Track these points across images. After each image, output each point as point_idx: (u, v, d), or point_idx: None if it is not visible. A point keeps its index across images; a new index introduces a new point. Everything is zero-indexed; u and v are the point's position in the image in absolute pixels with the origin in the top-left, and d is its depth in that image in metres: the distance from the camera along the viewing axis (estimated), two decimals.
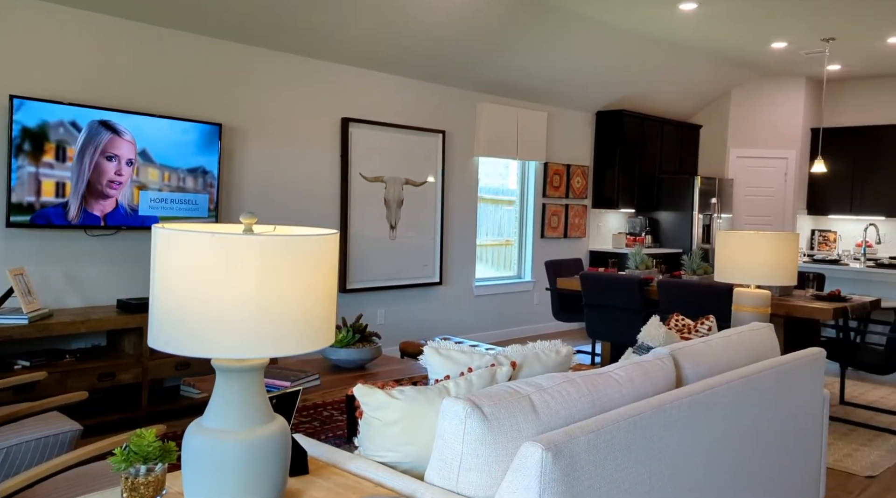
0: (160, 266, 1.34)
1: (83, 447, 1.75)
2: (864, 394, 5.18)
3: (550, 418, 1.76)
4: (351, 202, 5.76)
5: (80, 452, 1.76)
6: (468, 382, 1.95)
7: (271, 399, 1.70)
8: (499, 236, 7.30)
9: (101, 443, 1.65)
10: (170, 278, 1.32)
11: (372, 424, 1.87)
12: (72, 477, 2.08)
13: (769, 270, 3.42)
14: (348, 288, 5.73)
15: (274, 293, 1.32)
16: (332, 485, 1.69)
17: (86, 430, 3.65)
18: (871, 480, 3.51)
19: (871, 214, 8.19)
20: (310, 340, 1.38)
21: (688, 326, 3.05)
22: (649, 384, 2.08)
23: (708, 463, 2.09)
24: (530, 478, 1.56)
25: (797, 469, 2.62)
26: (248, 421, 1.42)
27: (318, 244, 1.39)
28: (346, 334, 3.56)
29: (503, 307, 7.18)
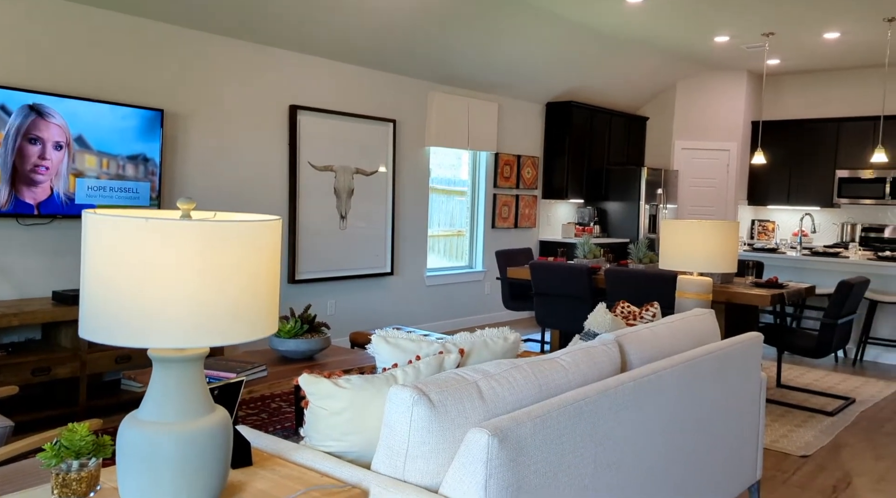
0: (91, 253, 1.28)
1: (12, 444, 1.67)
2: (799, 377, 5.38)
3: (497, 404, 1.77)
4: (300, 191, 5.67)
5: (8, 449, 1.68)
6: (416, 370, 1.94)
7: (213, 390, 1.66)
8: (450, 227, 7.30)
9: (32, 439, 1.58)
10: (101, 265, 1.26)
11: (318, 413, 1.84)
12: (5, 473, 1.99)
13: (711, 258, 3.51)
14: (297, 279, 5.65)
15: (212, 281, 1.28)
16: (277, 476, 1.66)
17: (20, 426, 3.50)
18: (805, 460, 3.65)
19: (806, 205, 8.50)
20: (251, 329, 1.35)
21: (633, 312, 3.11)
22: (595, 369, 2.11)
23: (651, 445, 2.14)
24: (477, 464, 1.57)
25: (736, 449, 2.71)
26: (186, 413, 1.38)
27: (258, 230, 1.36)
28: (294, 325, 3.50)
29: (455, 297, 7.20)
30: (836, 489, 3.29)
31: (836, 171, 8.23)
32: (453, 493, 1.59)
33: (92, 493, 1.47)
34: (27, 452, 2.21)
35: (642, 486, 2.10)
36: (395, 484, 1.64)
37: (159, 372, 1.38)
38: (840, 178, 8.18)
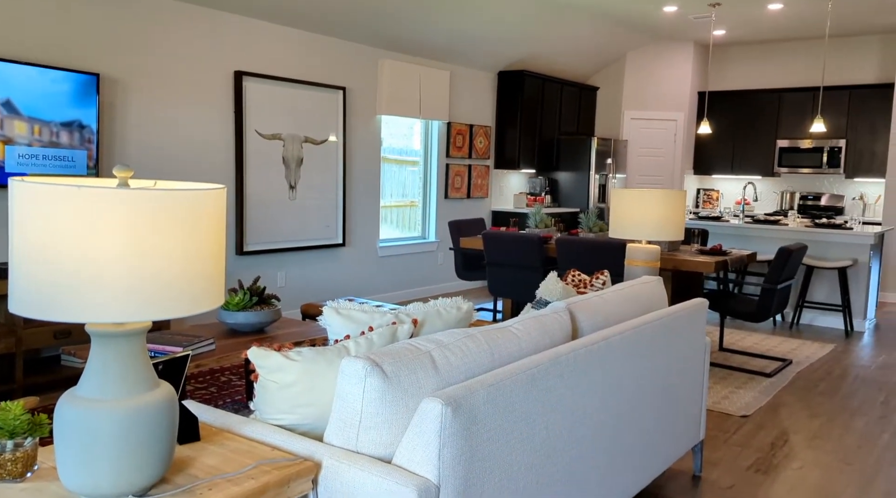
0: (20, 223, 1.21)
1: None
2: (741, 340, 5.58)
3: (451, 374, 1.76)
4: (247, 161, 5.52)
5: None
6: (369, 341, 1.91)
7: (157, 365, 1.61)
8: (403, 197, 7.24)
9: None
10: (31, 237, 1.19)
11: (268, 387, 1.81)
12: None
13: (659, 226, 3.57)
14: (246, 250, 5.53)
15: (152, 253, 1.23)
16: (226, 451, 1.62)
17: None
18: (745, 420, 3.79)
19: (749, 174, 8.73)
20: (195, 303, 1.30)
21: (584, 281, 3.14)
22: (546, 337, 2.12)
23: (602, 410, 2.18)
24: (430, 433, 1.56)
25: (682, 412, 2.79)
26: (128, 389, 1.32)
27: (201, 200, 1.30)
28: (242, 297, 3.43)
29: (407, 268, 7.18)
30: (773, 446, 3.43)
31: (777, 140, 8.46)
32: (407, 463, 1.59)
33: (29, 473, 1.41)
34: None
35: (594, 450, 2.14)
36: (348, 455, 1.62)
37: (98, 347, 1.32)
38: (780, 147, 8.41)
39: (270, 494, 1.50)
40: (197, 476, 1.49)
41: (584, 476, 2.10)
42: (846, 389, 4.42)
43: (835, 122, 8.10)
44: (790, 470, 3.17)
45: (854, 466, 3.23)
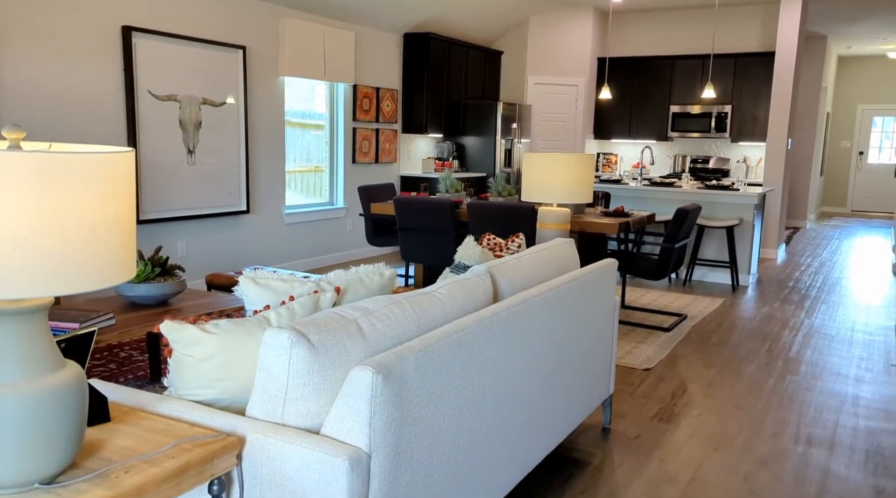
0: None
1: None
2: (640, 297, 5.86)
3: (379, 341, 1.74)
4: (140, 123, 5.16)
5: None
6: (290, 310, 1.85)
7: (59, 343, 1.48)
8: (308, 162, 7.03)
9: None
10: None
11: (183, 361, 1.71)
12: None
13: (569, 189, 3.65)
14: (143, 218, 5.21)
15: (51, 221, 1.11)
16: (140, 431, 1.53)
17: None
18: (648, 372, 4.00)
19: (645, 138, 9.09)
20: (102, 275, 1.20)
21: (499, 244, 3.17)
22: (470, 301, 2.13)
23: (523, 369, 2.22)
24: (361, 402, 1.54)
25: (595, 368, 2.90)
26: (30, 371, 1.21)
27: (104, 163, 1.19)
28: (143, 268, 3.23)
29: (316, 235, 7.02)
30: (674, 396, 3.64)
31: (671, 106, 8.83)
32: (336, 432, 1.55)
33: None
34: None
35: (517, 408, 2.18)
36: (274, 428, 1.57)
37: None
38: (673, 112, 8.79)
39: (193, 473, 1.43)
40: (111, 459, 1.39)
41: (508, 434, 2.15)
42: (735, 339, 4.74)
43: (723, 88, 8.54)
44: (690, 417, 3.38)
45: (745, 410, 3.49)
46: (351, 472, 1.48)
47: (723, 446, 3.06)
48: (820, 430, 3.26)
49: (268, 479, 1.54)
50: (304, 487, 1.51)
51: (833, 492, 2.68)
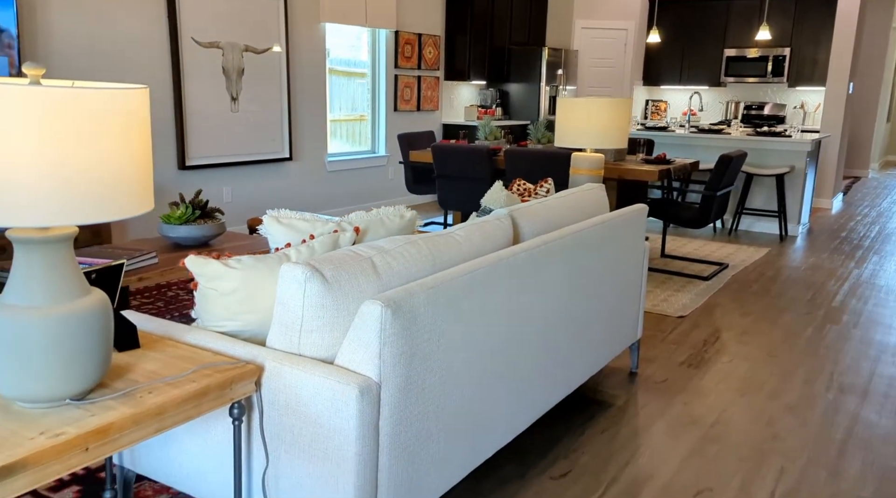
0: None
1: None
2: (682, 247, 5.78)
3: (392, 278, 1.79)
4: (184, 71, 5.26)
5: None
6: (310, 248, 1.91)
7: (89, 274, 1.58)
8: (353, 111, 7.06)
9: None
10: None
11: (208, 295, 1.81)
12: None
13: (604, 134, 3.59)
14: (188, 165, 5.37)
15: (71, 154, 1.18)
16: (167, 357, 1.63)
17: None
18: (681, 320, 3.98)
19: (696, 84, 8.78)
20: (120, 206, 1.27)
21: (528, 189, 3.17)
22: (488, 243, 2.16)
23: (543, 311, 2.25)
24: (371, 334, 1.60)
25: (620, 312, 2.91)
26: (56, 297, 1.31)
27: (121, 99, 1.25)
28: (184, 211, 3.36)
29: (357, 182, 7.10)
30: (706, 343, 3.63)
31: (725, 49, 8.47)
32: (348, 363, 1.63)
33: None
34: None
35: (535, 349, 2.23)
36: (290, 358, 1.65)
37: (22, 254, 1.29)
38: (727, 57, 8.44)
39: (212, 396, 1.53)
40: (137, 381, 1.50)
41: (525, 373, 2.20)
42: (777, 289, 4.65)
43: (781, 29, 8.13)
44: (720, 364, 3.37)
45: (778, 357, 3.45)
46: (361, 399, 1.55)
47: (750, 392, 3.05)
48: (854, 378, 3.21)
49: (284, 404, 1.63)
50: (318, 413, 1.59)
51: (860, 437, 2.66)
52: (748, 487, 2.32)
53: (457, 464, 1.92)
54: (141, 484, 2.16)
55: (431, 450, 1.79)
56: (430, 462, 1.80)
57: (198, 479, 1.82)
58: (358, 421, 1.55)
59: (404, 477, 1.71)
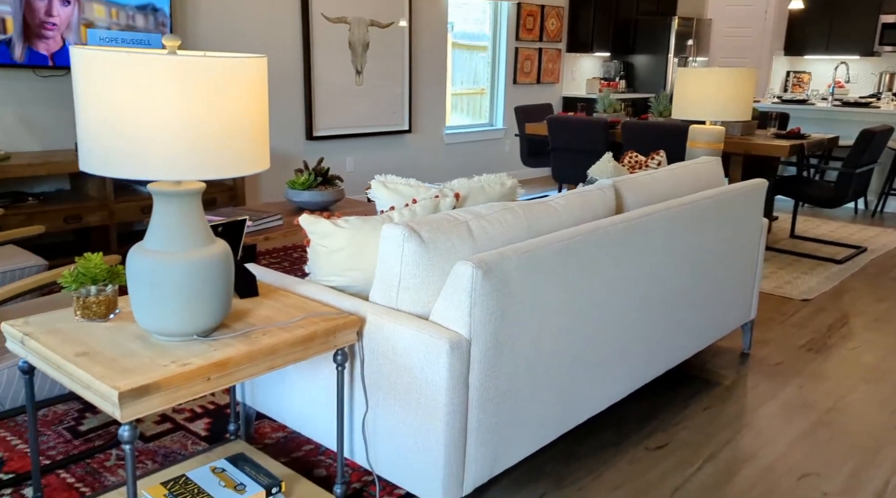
0: (81, 88, 1.33)
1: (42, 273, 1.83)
2: (815, 228, 5.41)
3: (486, 242, 1.86)
4: (313, 45, 5.55)
5: (38, 278, 1.84)
6: (412, 211, 2.02)
7: (216, 227, 1.77)
8: (474, 85, 7.14)
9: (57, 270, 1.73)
10: (91, 100, 1.32)
11: (318, 251, 1.96)
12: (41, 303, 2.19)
13: (724, 106, 3.43)
14: (315, 135, 5.68)
15: (198, 116, 1.34)
16: (281, 305, 1.80)
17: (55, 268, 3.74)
18: (806, 303, 3.77)
19: (846, 54, 8.06)
20: (239, 164, 1.42)
21: (640, 162, 3.11)
22: (588, 212, 2.17)
23: (643, 283, 2.24)
24: (462, 293, 1.68)
25: (731, 290, 2.81)
26: (186, 244, 1.48)
27: (241, 66, 1.39)
28: (307, 177, 3.59)
29: (473, 155, 7.19)
30: (831, 328, 3.42)
31: (880, 15, 7.70)
32: (441, 319, 1.72)
33: (111, 315, 1.62)
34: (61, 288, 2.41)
35: (633, 321, 2.22)
36: (389, 312, 1.77)
37: (160, 206, 1.48)
38: (884, 23, 7.67)
39: (318, 342, 1.67)
40: (253, 324, 1.67)
41: (622, 344, 2.20)
42: None
43: None
44: (844, 350, 3.17)
45: None
46: (451, 353, 1.64)
47: (874, 380, 2.86)
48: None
49: (383, 354, 1.76)
50: (412, 364, 1.70)
51: None
52: (860, 474, 2.21)
53: (548, 425, 1.97)
54: (261, 422, 2.39)
55: (521, 408, 1.86)
56: (519, 419, 1.87)
57: (307, 419, 1.99)
58: (448, 374, 1.65)
59: (493, 431, 1.79)
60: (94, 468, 2.08)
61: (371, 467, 1.86)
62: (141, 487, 1.87)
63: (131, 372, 1.40)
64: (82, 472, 2.06)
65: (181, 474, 1.83)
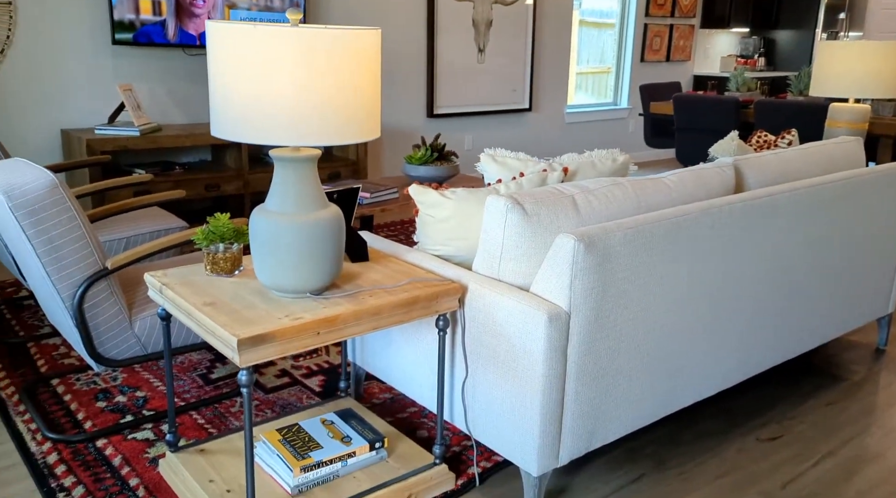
0: (213, 59, 1.46)
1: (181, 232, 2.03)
2: None
3: (591, 217, 1.84)
4: (438, 23, 5.63)
5: (177, 236, 2.04)
6: (518, 184, 2.03)
7: (331, 194, 1.87)
8: (601, 63, 6.97)
9: (192, 230, 1.91)
10: (221, 70, 1.44)
11: (426, 220, 2.02)
12: (178, 259, 2.43)
13: (871, 82, 3.14)
14: (435, 113, 5.78)
15: (316, 85, 1.43)
16: (388, 270, 1.89)
17: None
18: None
19: None
20: (351, 132, 1.50)
21: (769, 141, 2.94)
22: (703, 190, 2.09)
23: (762, 268, 2.13)
24: (563, 266, 1.68)
25: (864, 281, 2.60)
26: (302, 207, 1.59)
27: (355, 39, 1.46)
28: (424, 153, 3.69)
29: (595, 135, 7.03)
30: None
31: None
32: (541, 291, 1.73)
33: (236, 271, 1.77)
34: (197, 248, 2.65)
35: (747, 306, 2.13)
36: (490, 282, 1.81)
37: (279, 170, 1.59)
38: None
39: (421, 306, 1.74)
40: (361, 286, 1.77)
41: (734, 329, 2.12)
42: None
43: None
44: None
45: None
46: (549, 325, 1.65)
47: None
48: None
49: (483, 322, 1.80)
50: (511, 333, 1.73)
51: None
52: None
53: (649, 405, 1.94)
54: (369, 383, 2.52)
55: (621, 385, 1.85)
56: (618, 397, 1.85)
57: (411, 382, 2.08)
58: (546, 345, 1.66)
59: (591, 405, 1.79)
60: (220, 412, 2.29)
61: (469, 432, 1.92)
62: (259, 432, 2.03)
63: (250, 322, 1.53)
64: (210, 414, 2.27)
65: (294, 423, 1.97)
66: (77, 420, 2.21)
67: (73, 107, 4.10)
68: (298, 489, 1.77)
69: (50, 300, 2.04)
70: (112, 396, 2.37)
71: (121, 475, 1.94)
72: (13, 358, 2.62)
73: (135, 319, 2.05)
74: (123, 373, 2.52)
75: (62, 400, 2.33)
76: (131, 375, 2.51)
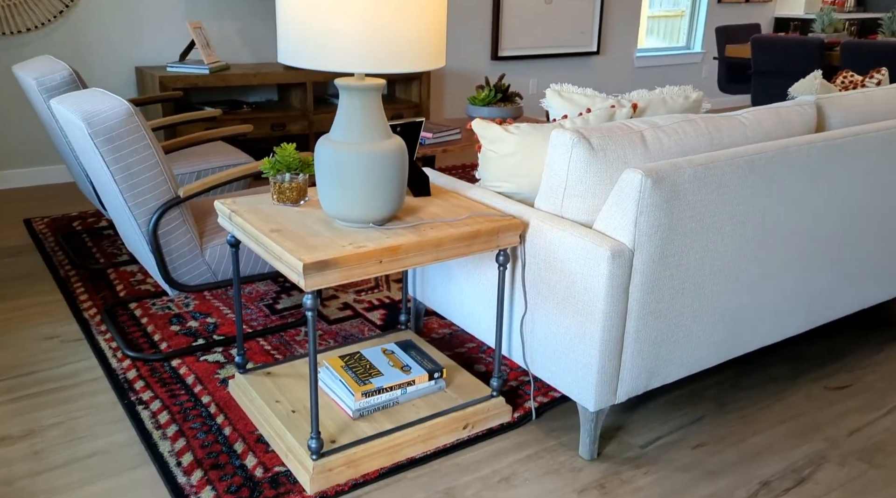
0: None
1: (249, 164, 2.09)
2: None
3: (661, 153, 1.79)
4: None
5: (245, 167, 2.09)
6: (584, 120, 1.99)
7: (395, 127, 1.87)
8: (674, 6, 6.65)
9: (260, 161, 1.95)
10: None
11: (488, 156, 2.01)
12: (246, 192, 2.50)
13: None
14: (500, 55, 5.66)
15: (379, 11, 1.41)
16: (450, 205, 1.89)
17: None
18: None
19: None
20: (415, 60, 1.48)
21: (855, 82, 2.77)
22: (781, 129, 1.99)
23: (839, 212, 2.04)
24: (628, 202, 1.65)
25: None
26: (366, 137, 1.60)
27: None
28: (488, 93, 3.63)
29: (666, 80, 6.76)
30: None
31: None
32: (604, 227, 1.71)
33: (302, 201, 1.81)
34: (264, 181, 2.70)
35: (819, 251, 2.04)
36: (552, 218, 1.79)
37: (344, 99, 1.60)
38: None
39: (481, 240, 1.75)
40: (423, 218, 1.78)
41: (804, 274, 2.04)
42: None
43: None
44: None
45: None
46: (612, 261, 1.63)
47: None
48: None
49: (543, 258, 1.79)
50: (572, 270, 1.72)
51: None
52: None
53: (711, 348, 1.91)
54: (429, 318, 2.56)
55: (683, 326, 1.82)
56: (680, 338, 1.83)
57: (470, 317, 2.10)
58: (608, 281, 1.65)
59: (652, 344, 1.77)
60: (286, 340, 2.38)
61: (527, 367, 1.94)
62: (322, 359, 2.11)
63: (315, 249, 1.56)
64: (277, 342, 2.36)
65: (356, 351, 2.03)
66: (153, 341, 2.34)
67: (146, 44, 4.20)
68: (360, 413, 1.84)
69: (127, 227, 2.13)
70: (185, 320, 2.49)
71: (194, 393, 2.06)
72: (94, 283, 2.78)
73: (206, 247, 2.13)
74: (195, 300, 2.64)
75: (139, 322, 2.47)
76: (202, 303, 2.62)
